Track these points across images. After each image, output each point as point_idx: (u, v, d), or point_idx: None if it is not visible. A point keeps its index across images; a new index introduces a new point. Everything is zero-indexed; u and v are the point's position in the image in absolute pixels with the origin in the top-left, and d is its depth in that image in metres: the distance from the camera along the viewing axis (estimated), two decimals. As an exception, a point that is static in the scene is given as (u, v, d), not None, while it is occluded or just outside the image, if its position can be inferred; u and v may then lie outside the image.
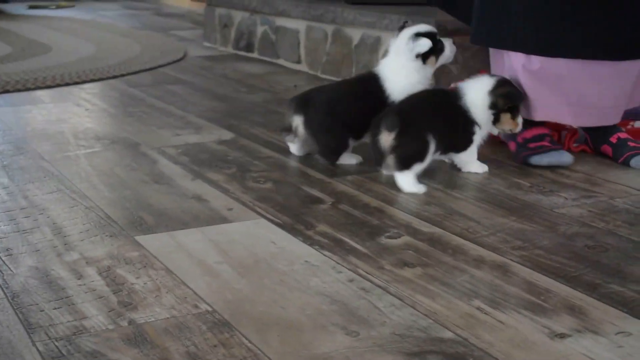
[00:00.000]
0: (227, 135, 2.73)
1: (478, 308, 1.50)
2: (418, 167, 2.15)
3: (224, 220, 1.94)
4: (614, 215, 1.99)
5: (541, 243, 1.81)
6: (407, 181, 2.15)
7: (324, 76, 3.82)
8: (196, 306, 1.50)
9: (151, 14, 6.78)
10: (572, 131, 2.56)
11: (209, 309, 1.49)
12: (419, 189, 2.14)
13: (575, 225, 1.92)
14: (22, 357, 1.31)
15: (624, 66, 2.35)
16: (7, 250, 1.75)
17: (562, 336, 1.39)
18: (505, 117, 2.26)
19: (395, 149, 2.12)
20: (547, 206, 2.04)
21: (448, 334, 1.40)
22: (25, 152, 2.50)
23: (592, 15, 2.28)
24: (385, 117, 2.14)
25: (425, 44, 2.32)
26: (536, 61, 2.33)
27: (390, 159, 2.14)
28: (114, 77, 3.77)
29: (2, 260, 1.69)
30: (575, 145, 2.54)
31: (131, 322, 1.43)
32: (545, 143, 2.39)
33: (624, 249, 1.78)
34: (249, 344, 1.36)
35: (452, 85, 2.46)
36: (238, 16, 4.52)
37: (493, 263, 1.70)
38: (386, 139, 2.12)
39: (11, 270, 1.64)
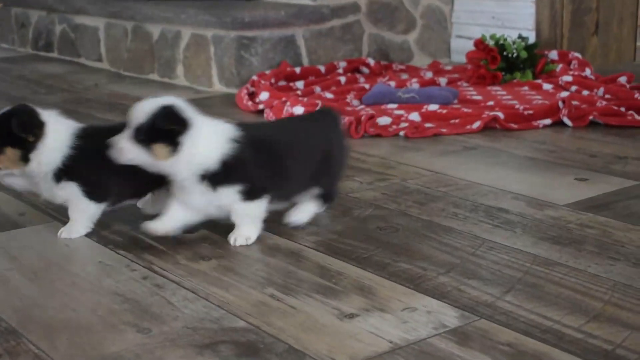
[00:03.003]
0: (22, 138, 2.64)
1: (271, 295, 1.52)
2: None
3: (15, 225, 1.88)
4: (405, 196, 2.06)
5: (335, 228, 1.85)
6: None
7: (126, 73, 3.77)
8: (-19, 316, 1.45)
9: (-55, 16, 6.47)
10: (369, 115, 2.62)
11: (-5, 317, 1.44)
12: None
13: (369, 208, 1.97)
14: None
15: None
16: None
17: (351, 316, 1.43)
18: None
19: None
20: (343, 191, 2.09)
21: (240, 323, 1.41)
22: None
23: None
24: None
25: None
26: None
27: None
28: None
29: None
30: (372, 129, 2.60)
31: None
32: None
33: (414, 228, 1.85)
34: (37, 350, 1.33)
35: None
36: (35, 15, 4.38)
37: (287, 250, 1.72)
38: None
39: None
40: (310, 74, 3.31)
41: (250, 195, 1.73)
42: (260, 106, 2.92)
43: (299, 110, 2.67)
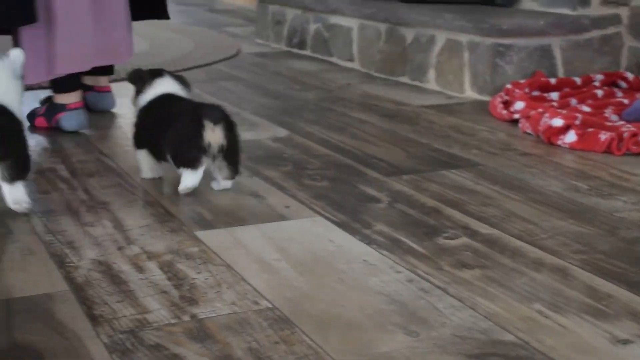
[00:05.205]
0: (282, 132, 2.74)
1: (538, 311, 1.49)
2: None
3: (282, 217, 1.95)
4: (674, 220, 1.96)
5: (601, 247, 1.79)
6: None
7: (377, 74, 3.82)
8: (256, 302, 1.51)
9: (203, 10, 6.82)
10: (632, 132, 2.53)
11: (269, 305, 1.50)
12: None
13: (636, 230, 1.90)
14: (88, 349, 1.33)
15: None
16: (69, 243, 1.77)
17: (625, 342, 1.38)
18: None
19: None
20: (606, 209, 2.03)
21: (509, 337, 1.40)
22: (83, 146, 2.53)
23: None
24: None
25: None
26: None
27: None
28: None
29: (65, 252, 1.72)
30: (634, 147, 2.51)
31: (193, 316, 1.45)
32: None
33: (686, 254, 1.76)
34: (310, 342, 1.37)
35: None
36: (291, 13, 4.53)
37: (553, 266, 1.69)
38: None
39: (74, 263, 1.67)
40: (565, 85, 3.22)
41: None
42: (516, 115, 2.88)
43: (557, 122, 2.61)
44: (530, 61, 3.29)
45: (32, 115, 2.76)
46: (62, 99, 2.70)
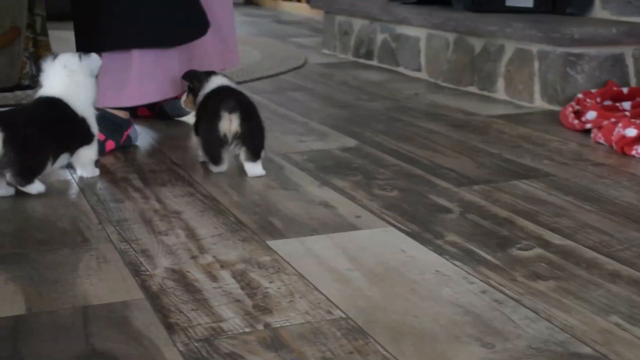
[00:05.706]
0: (351, 142, 2.74)
1: (616, 324, 1.46)
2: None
3: (353, 227, 1.95)
4: None
5: (679, 259, 1.76)
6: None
7: (444, 84, 3.81)
8: (329, 312, 1.51)
9: (269, 21, 6.87)
10: None
11: (343, 315, 1.50)
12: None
13: None
14: (164, 356, 1.35)
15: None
16: (144, 251, 1.80)
17: None
18: None
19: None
20: (683, 221, 1.99)
21: (586, 350, 1.38)
22: (156, 156, 2.57)
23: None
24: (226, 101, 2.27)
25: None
26: None
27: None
28: (236, 83, 3.83)
29: (140, 260, 1.74)
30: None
31: (267, 325, 1.45)
32: None
33: None
34: (384, 352, 1.37)
35: None
36: (358, 24, 4.54)
37: (629, 278, 1.66)
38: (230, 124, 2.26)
39: (149, 271, 1.69)
40: (638, 95, 3.16)
41: None
42: (588, 125, 2.84)
43: (631, 132, 2.57)
44: (602, 70, 3.24)
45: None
46: (126, 114, 2.70)
